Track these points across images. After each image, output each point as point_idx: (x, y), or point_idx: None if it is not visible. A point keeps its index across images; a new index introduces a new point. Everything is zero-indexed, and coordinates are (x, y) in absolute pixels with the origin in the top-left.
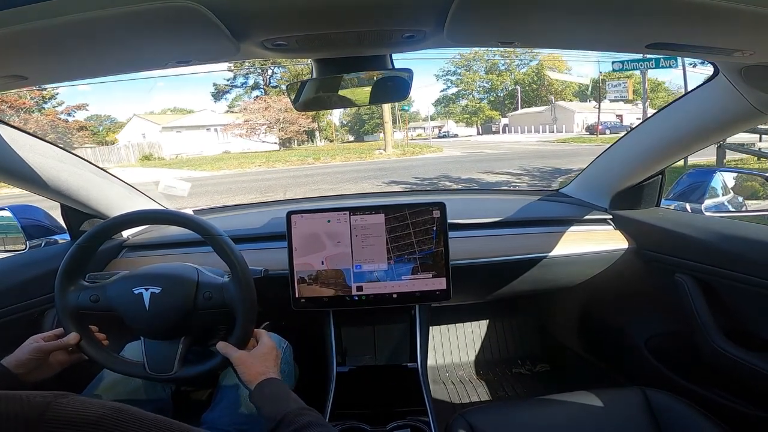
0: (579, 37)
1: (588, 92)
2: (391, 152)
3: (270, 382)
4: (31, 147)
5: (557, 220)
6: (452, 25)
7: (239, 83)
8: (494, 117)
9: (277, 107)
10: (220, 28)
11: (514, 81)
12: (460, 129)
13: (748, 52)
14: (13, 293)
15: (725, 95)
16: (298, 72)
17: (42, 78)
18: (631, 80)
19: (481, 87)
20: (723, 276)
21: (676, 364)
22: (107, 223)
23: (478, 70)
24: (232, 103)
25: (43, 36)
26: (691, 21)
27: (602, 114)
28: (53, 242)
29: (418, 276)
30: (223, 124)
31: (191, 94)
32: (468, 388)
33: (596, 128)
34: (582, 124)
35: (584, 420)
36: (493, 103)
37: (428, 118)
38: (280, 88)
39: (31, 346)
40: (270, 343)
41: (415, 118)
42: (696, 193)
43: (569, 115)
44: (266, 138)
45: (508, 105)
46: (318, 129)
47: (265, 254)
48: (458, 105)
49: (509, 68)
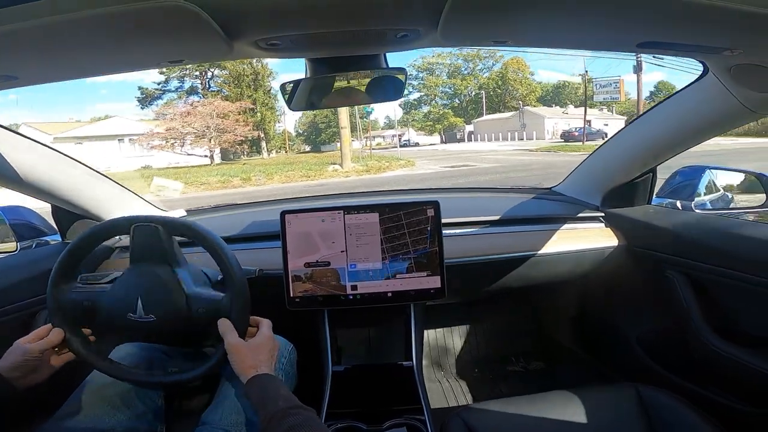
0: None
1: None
2: (349, 168)
3: (260, 379)
4: (21, 147)
5: (550, 218)
6: (446, 25)
7: (173, 87)
8: (458, 124)
9: (205, 112)
10: (213, 27)
11: (478, 85)
12: (421, 137)
13: (736, 50)
14: (4, 295)
15: (715, 94)
16: (239, 73)
17: (33, 78)
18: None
19: (443, 92)
20: (713, 273)
21: (667, 360)
22: (99, 227)
23: (440, 74)
24: (161, 110)
25: (34, 36)
26: (681, 20)
27: (572, 120)
28: (44, 243)
29: (412, 274)
30: (139, 134)
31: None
32: (462, 386)
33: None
34: (553, 131)
35: (578, 417)
36: (456, 110)
37: (392, 124)
38: (222, 93)
39: (21, 348)
40: (268, 335)
41: (373, 127)
42: (687, 190)
43: (539, 120)
44: (193, 150)
45: (471, 111)
46: (265, 138)
47: (259, 254)
48: (419, 112)
49: (473, 72)
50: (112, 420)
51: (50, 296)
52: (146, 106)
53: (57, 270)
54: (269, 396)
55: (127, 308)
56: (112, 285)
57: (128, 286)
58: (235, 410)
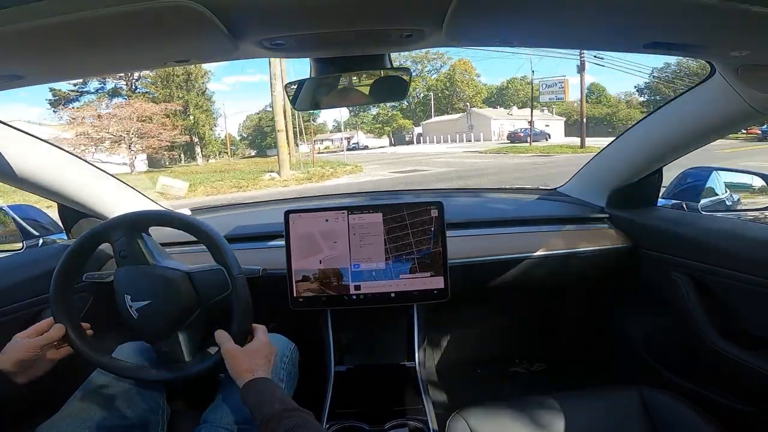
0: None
1: (494, 98)
2: (288, 175)
3: (256, 383)
4: (29, 147)
5: (555, 219)
6: (451, 25)
7: (92, 89)
8: (407, 126)
9: (124, 115)
10: (218, 27)
11: (427, 87)
12: (370, 140)
13: (744, 51)
14: (10, 293)
15: (722, 94)
16: (168, 73)
17: (38, 77)
18: (567, 80)
19: None
20: (719, 275)
21: (671, 362)
22: (106, 224)
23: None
24: (74, 113)
25: (40, 35)
26: (688, 21)
27: (516, 121)
28: (50, 242)
29: (416, 275)
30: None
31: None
32: (465, 387)
33: (524, 135)
34: (499, 132)
35: (581, 419)
36: (405, 112)
37: (341, 127)
38: (150, 94)
39: (22, 343)
40: (264, 340)
41: (322, 130)
42: (693, 191)
43: (485, 122)
44: (110, 157)
45: (420, 113)
46: (200, 143)
47: (263, 253)
48: (368, 114)
49: (421, 74)
50: (113, 419)
51: (53, 292)
52: (58, 110)
53: (61, 268)
54: (265, 399)
55: (122, 301)
56: (112, 282)
57: (120, 284)
58: (236, 410)
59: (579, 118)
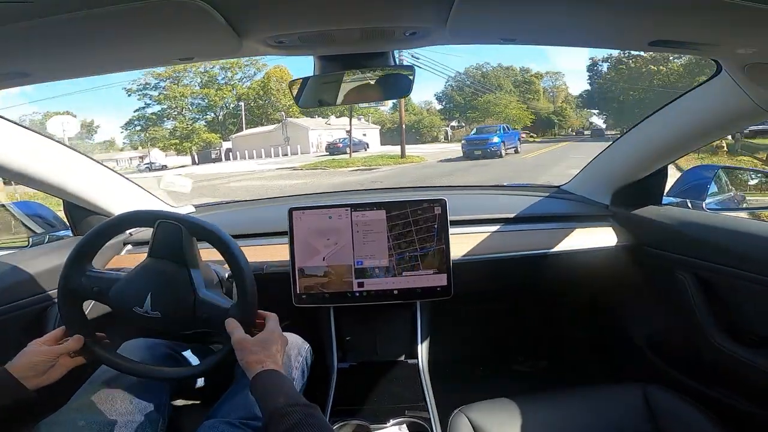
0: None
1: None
2: None
3: (264, 375)
4: (36, 144)
5: (558, 217)
6: (455, 22)
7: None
8: (213, 141)
9: None
10: (221, 24)
11: (237, 96)
12: (171, 158)
13: (751, 49)
14: (16, 289)
15: (728, 92)
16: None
17: (44, 75)
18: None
19: (194, 105)
20: (724, 273)
21: (675, 360)
22: (126, 215)
23: (190, 83)
24: None
25: (44, 33)
26: (694, 18)
27: (335, 130)
28: (56, 238)
29: (419, 272)
30: None
31: None
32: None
33: (343, 146)
34: (317, 143)
35: (584, 416)
36: (211, 124)
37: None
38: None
39: (38, 350)
40: (274, 329)
41: (109, 147)
42: (697, 190)
43: (303, 132)
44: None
45: (231, 126)
46: None
47: (267, 250)
48: (163, 128)
49: (230, 82)
50: (115, 415)
51: (62, 278)
52: None
53: (77, 250)
54: (271, 393)
55: (135, 301)
56: (125, 275)
57: (142, 279)
58: (244, 405)
59: (392, 126)
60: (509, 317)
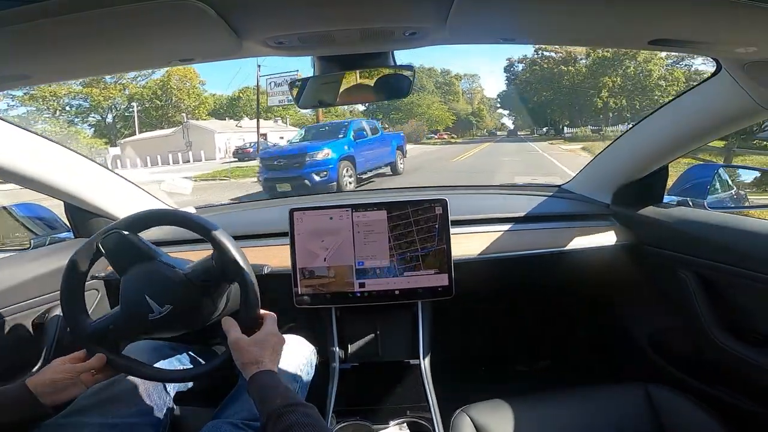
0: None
1: (224, 110)
2: None
3: (260, 376)
4: (36, 146)
5: (559, 216)
6: (454, 22)
7: None
8: (98, 147)
9: None
10: (220, 25)
11: (129, 97)
12: None
13: (751, 48)
14: (18, 291)
15: (728, 91)
16: None
17: (44, 76)
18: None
19: (74, 106)
20: (725, 272)
21: (677, 359)
22: (117, 224)
23: (67, 82)
24: None
25: (45, 34)
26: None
27: (247, 134)
28: (57, 240)
29: (420, 272)
30: None
31: None
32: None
33: (254, 151)
34: (225, 148)
35: (586, 416)
36: (98, 128)
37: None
38: None
39: (63, 367)
40: (271, 330)
41: None
42: (699, 188)
43: (208, 136)
44: None
45: (123, 130)
46: None
47: (268, 251)
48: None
49: (120, 81)
50: (121, 417)
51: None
52: None
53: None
54: (267, 394)
55: (143, 310)
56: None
57: (130, 290)
58: (248, 406)
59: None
60: (511, 317)
